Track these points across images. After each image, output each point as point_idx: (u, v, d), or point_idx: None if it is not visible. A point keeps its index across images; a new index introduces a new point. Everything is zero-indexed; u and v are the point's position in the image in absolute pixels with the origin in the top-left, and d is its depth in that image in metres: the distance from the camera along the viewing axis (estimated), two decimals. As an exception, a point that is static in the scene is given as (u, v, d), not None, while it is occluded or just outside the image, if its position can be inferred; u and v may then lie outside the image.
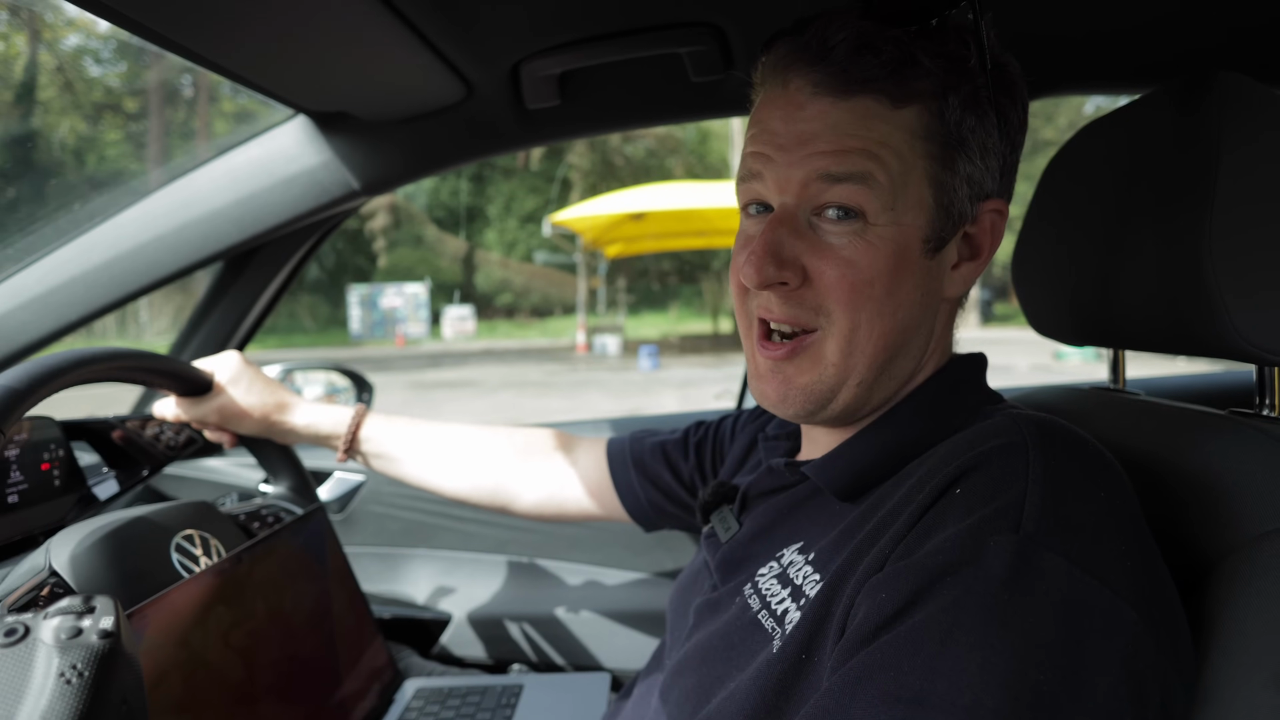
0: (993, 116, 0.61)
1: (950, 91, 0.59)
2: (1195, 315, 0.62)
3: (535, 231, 20.36)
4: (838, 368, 0.62)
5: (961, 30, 0.60)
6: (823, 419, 0.66)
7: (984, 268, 0.66)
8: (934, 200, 0.60)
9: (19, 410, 0.71)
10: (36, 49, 7.91)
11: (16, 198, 2.16)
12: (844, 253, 0.60)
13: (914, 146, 0.59)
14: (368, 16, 0.79)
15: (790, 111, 0.61)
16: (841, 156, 0.58)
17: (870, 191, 0.58)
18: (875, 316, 0.60)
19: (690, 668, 0.67)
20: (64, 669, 0.32)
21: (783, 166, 0.61)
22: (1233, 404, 0.69)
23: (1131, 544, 0.49)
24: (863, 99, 0.58)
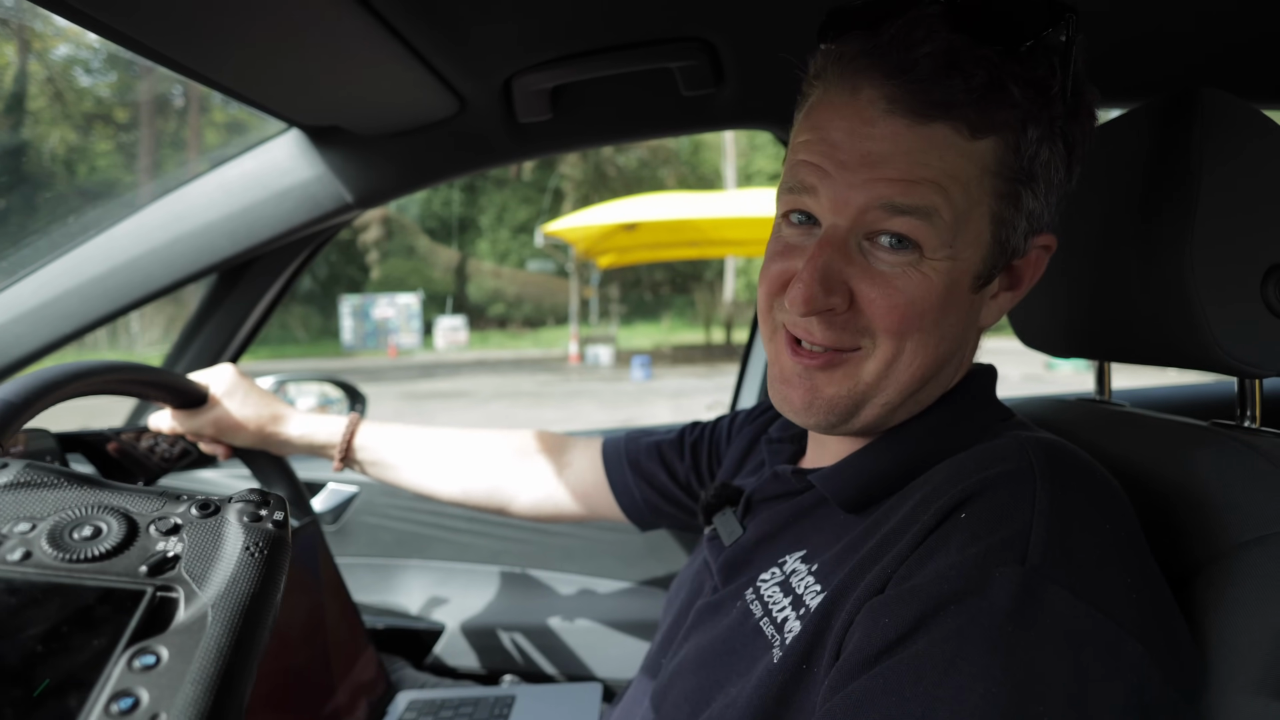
0: (1062, 149, 0.57)
1: (1030, 123, 0.55)
2: (1177, 328, 0.63)
3: (527, 242, 20.36)
4: (870, 387, 0.60)
5: (1051, 52, 0.54)
6: (840, 431, 0.64)
7: (1020, 298, 0.64)
8: (993, 237, 0.58)
9: (16, 423, 0.72)
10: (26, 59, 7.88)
11: (7, 209, 2.16)
12: (896, 282, 0.57)
13: (983, 182, 0.56)
14: (361, 32, 0.80)
15: (857, 126, 0.55)
16: (909, 187, 0.54)
17: (932, 227, 0.55)
18: (920, 347, 0.58)
19: (688, 670, 0.67)
20: (248, 544, 0.38)
21: (842, 187, 0.56)
22: (1216, 415, 0.70)
23: (1137, 575, 0.49)
24: (940, 125, 0.54)
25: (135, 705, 0.28)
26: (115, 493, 0.39)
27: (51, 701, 0.28)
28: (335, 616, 1.09)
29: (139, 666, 0.30)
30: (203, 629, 0.32)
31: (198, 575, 0.35)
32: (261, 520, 0.39)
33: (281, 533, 0.39)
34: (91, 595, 0.32)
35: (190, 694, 0.29)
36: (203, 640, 0.32)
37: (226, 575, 0.35)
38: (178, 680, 0.30)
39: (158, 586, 0.34)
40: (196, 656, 0.31)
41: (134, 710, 0.28)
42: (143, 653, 0.31)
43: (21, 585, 0.32)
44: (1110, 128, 0.74)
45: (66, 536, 0.35)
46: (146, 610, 0.32)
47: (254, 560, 0.37)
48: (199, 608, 0.33)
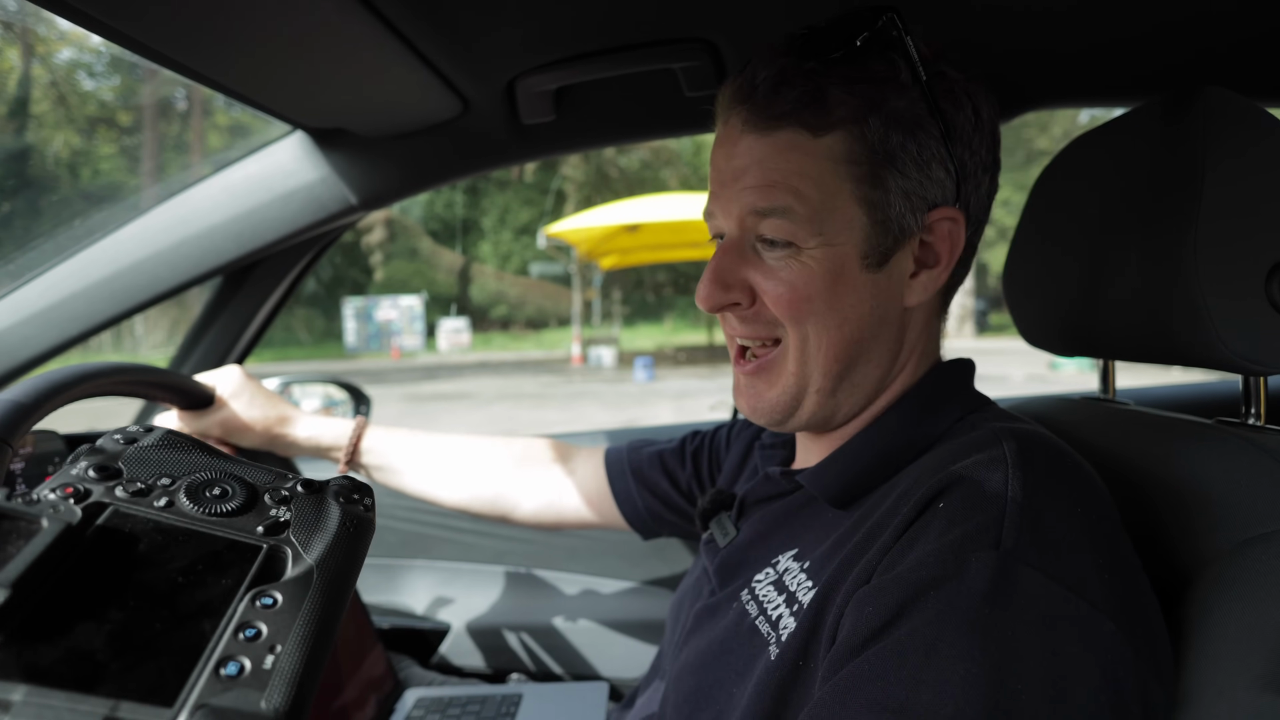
0: (933, 127, 0.62)
1: (871, 113, 0.61)
2: (1182, 326, 0.63)
3: (530, 244, 20.39)
4: (796, 377, 0.66)
5: (887, 47, 0.61)
6: (794, 427, 0.70)
7: (946, 275, 0.67)
8: (867, 218, 0.63)
9: (25, 424, 0.72)
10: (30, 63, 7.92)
11: (12, 211, 2.18)
12: (781, 274, 0.64)
13: (837, 172, 0.62)
14: (365, 34, 0.81)
15: (729, 148, 0.65)
16: (765, 191, 0.62)
17: (792, 224, 0.62)
18: (821, 330, 0.64)
19: (688, 672, 0.68)
20: (345, 521, 0.44)
21: (724, 201, 0.66)
22: (1220, 413, 0.70)
23: (1109, 557, 0.51)
24: (784, 132, 0.62)
25: (257, 635, 0.34)
26: (235, 464, 0.46)
27: (191, 624, 0.33)
28: (344, 614, 1.09)
29: (260, 605, 0.36)
30: (310, 582, 0.38)
31: (303, 541, 0.41)
32: (355, 503, 0.46)
33: (370, 516, 0.46)
34: (220, 544, 0.39)
35: (302, 630, 0.35)
36: (310, 591, 0.38)
37: (326, 543, 0.41)
38: (291, 619, 0.36)
39: (271, 545, 0.40)
40: (306, 602, 0.37)
41: (256, 639, 0.34)
42: (262, 595, 0.36)
43: (166, 528, 0.38)
44: (1114, 126, 0.74)
45: (201, 494, 0.41)
46: (262, 562, 0.39)
47: (348, 535, 0.43)
48: (305, 566, 0.39)
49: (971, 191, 0.66)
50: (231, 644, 0.33)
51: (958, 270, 0.68)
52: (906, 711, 0.45)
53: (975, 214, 0.67)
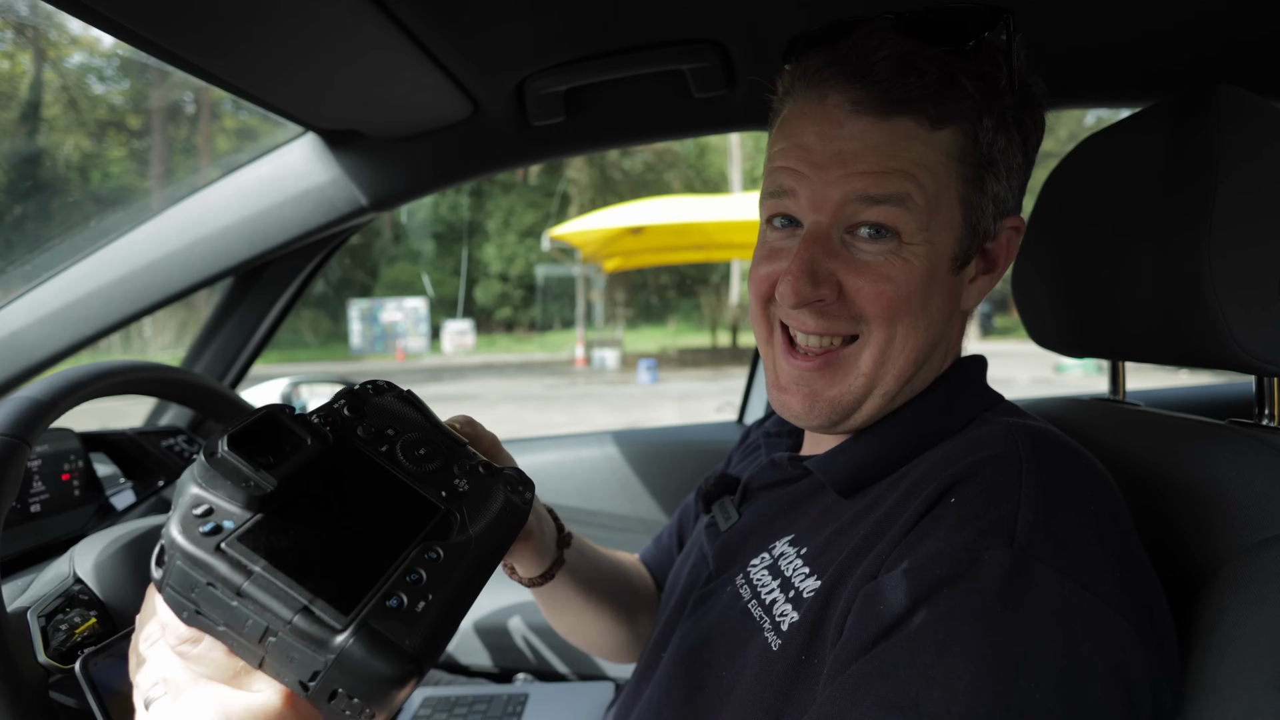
0: (1018, 136, 0.62)
1: (985, 113, 0.59)
2: (1195, 327, 0.63)
3: (534, 246, 20.41)
4: (868, 378, 0.63)
5: (994, 50, 0.60)
6: (844, 429, 0.67)
7: (997, 281, 0.67)
8: (963, 219, 0.61)
9: (43, 422, 0.73)
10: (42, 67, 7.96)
11: (24, 214, 2.19)
12: (880, 269, 0.60)
13: (949, 168, 0.60)
14: (377, 35, 0.82)
15: (827, 129, 0.60)
16: (881, 178, 0.58)
17: (907, 212, 0.59)
18: (911, 330, 0.62)
19: (682, 655, 0.68)
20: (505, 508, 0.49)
21: (819, 185, 0.60)
22: (1232, 415, 0.70)
23: (1122, 555, 0.51)
24: (903, 119, 0.58)
25: (419, 581, 0.39)
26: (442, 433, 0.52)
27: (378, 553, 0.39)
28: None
29: (427, 557, 0.40)
30: (467, 549, 0.43)
31: (471, 514, 0.46)
32: (518, 494, 0.51)
33: (526, 509, 0.51)
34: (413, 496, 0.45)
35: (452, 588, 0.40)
36: (466, 555, 0.43)
37: (487, 522, 0.46)
38: (446, 576, 0.40)
39: (447, 509, 0.45)
40: (460, 566, 0.42)
41: (418, 584, 0.38)
42: (430, 549, 0.41)
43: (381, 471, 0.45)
44: (1126, 125, 0.73)
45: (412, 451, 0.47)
46: (437, 521, 0.44)
47: (505, 520, 0.48)
48: (466, 536, 0.44)
49: (1021, 200, 0.66)
50: (400, 581, 0.38)
51: None
52: (917, 709, 0.45)
53: None
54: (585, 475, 1.66)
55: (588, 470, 1.67)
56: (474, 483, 0.48)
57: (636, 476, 1.65)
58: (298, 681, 0.35)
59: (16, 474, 0.69)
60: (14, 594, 0.77)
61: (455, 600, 0.40)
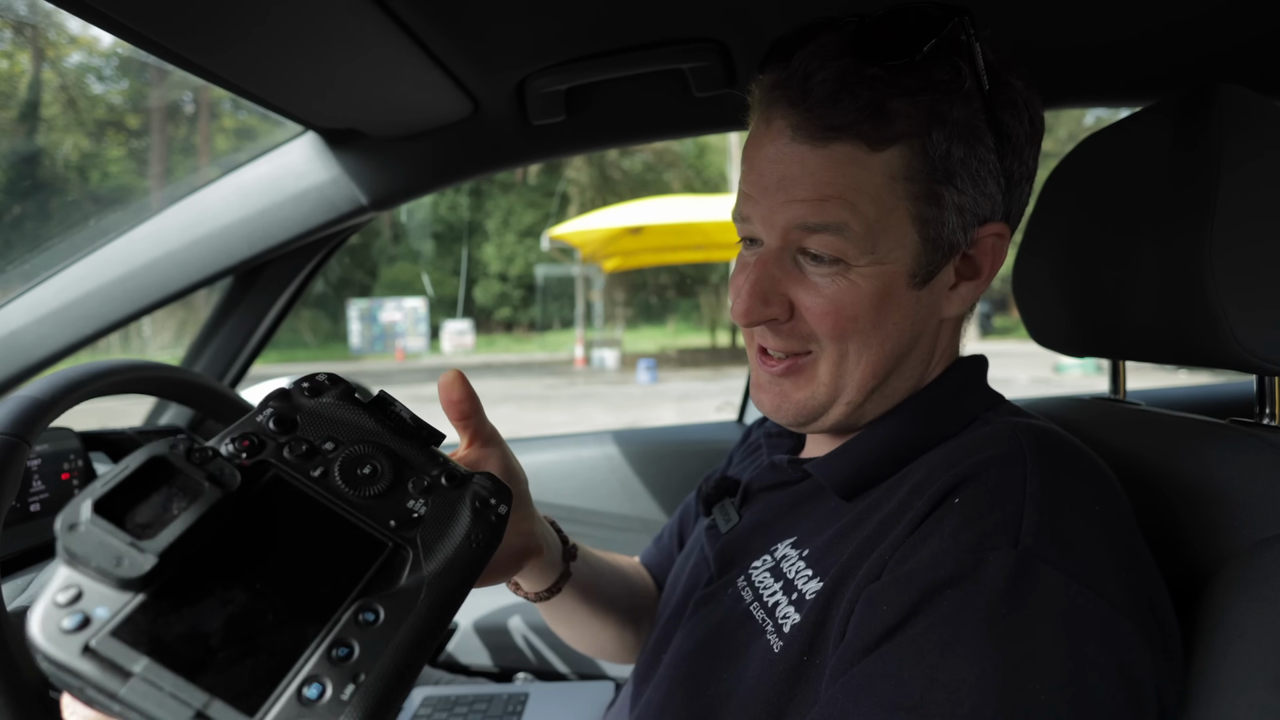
0: (989, 138, 0.59)
1: (934, 127, 0.57)
2: (1196, 326, 0.63)
3: (534, 246, 20.41)
4: (829, 387, 0.64)
5: (953, 53, 0.57)
6: (816, 429, 0.68)
7: (985, 286, 0.66)
8: (919, 236, 0.60)
9: (43, 421, 0.73)
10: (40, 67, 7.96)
11: (23, 214, 2.19)
12: (827, 291, 0.61)
13: (894, 189, 0.58)
14: (377, 34, 0.82)
15: (773, 152, 0.60)
16: (817, 206, 0.58)
17: (845, 240, 0.58)
18: (863, 348, 0.62)
19: (682, 658, 0.68)
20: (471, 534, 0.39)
21: (766, 210, 0.61)
22: (1232, 414, 0.70)
23: (1127, 556, 0.50)
24: (840, 145, 0.57)
25: (348, 656, 0.32)
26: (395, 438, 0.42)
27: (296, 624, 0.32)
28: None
29: (360, 620, 0.33)
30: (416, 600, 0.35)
31: (428, 546, 0.37)
32: (489, 509, 0.41)
33: (500, 528, 0.41)
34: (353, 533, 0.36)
35: (389, 663, 0.32)
36: (413, 611, 0.34)
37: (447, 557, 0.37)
38: (384, 645, 0.33)
39: (396, 543, 0.37)
40: (403, 626, 0.34)
41: (346, 660, 0.31)
42: (366, 608, 0.33)
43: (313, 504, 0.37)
44: (1128, 124, 0.73)
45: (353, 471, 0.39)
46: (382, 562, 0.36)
47: (471, 552, 0.39)
48: (419, 578, 0.36)
49: (1014, 201, 0.64)
50: (322, 661, 0.31)
51: None
52: (921, 710, 0.45)
53: (1014, 222, 0.66)
54: (585, 475, 1.66)
55: (587, 470, 1.67)
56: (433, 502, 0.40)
57: (636, 476, 1.65)
58: None
59: (16, 473, 0.68)
60: (13, 593, 0.77)
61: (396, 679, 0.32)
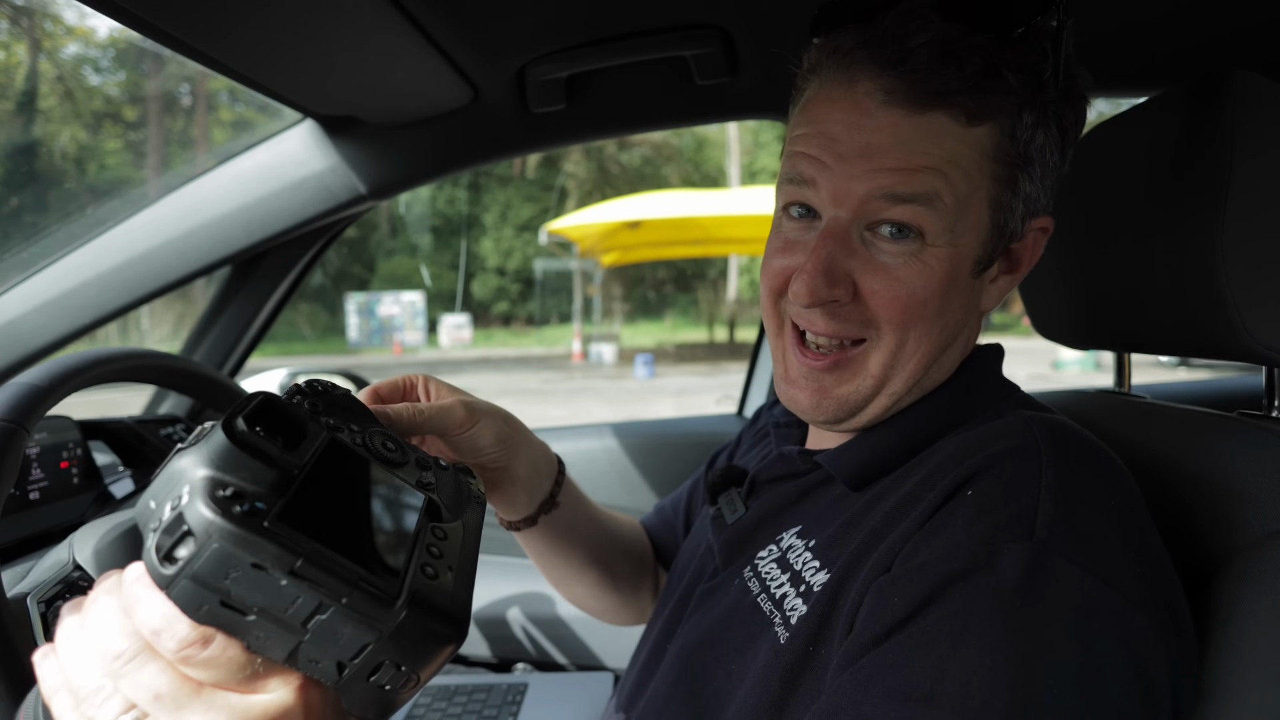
0: (1055, 131, 0.58)
1: (1025, 108, 0.55)
2: (1207, 317, 0.62)
3: (531, 240, 20.39)
4: (877, 380, 0.61)
5: (1042, 38, 0.55)
6: (851, 426, 0.65)
7: (1019, 281, 0.65)
8: (991, 221, 0.58)
9: (41, 408, 0.73)
10: (37, 58, 7.93)
11: (20, 205, 2.19)
12: (898, 272, 0.57)
13: (982, 167, 0.56)
14: (377, 20, 0.81)
15: (855, 118, 0.56)
16: (910, 175, 0.55)
17: (934, 213, 0.55)
18: (924, 336, 0.59)
19: (689, 651, 0.67)
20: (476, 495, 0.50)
21: (842, 179, 0.57)
22: (1239, 407, 0.69)
23: (1142, 550, 0.49)
24: (938, 114, 0.54)
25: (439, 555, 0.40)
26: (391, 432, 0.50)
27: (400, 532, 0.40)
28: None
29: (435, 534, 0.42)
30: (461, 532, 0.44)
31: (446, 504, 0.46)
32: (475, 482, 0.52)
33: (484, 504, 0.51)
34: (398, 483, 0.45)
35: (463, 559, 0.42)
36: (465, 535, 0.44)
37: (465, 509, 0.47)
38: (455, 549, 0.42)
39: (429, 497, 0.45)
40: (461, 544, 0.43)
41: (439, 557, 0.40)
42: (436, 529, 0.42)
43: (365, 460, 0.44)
44: (1139, 112, 0.72)
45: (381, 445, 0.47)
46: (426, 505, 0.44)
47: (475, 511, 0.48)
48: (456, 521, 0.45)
49: (1054, 196, 0.63)
50: (424, 555, 0.39)
51: None
52: (932, 702, 0.44)
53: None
54: (583, 467, 1.66)
55: (586, 462, 1.67)
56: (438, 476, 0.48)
57: (635, 468, 1.65)
58: (335, 663, 0.34)
59: (15, 460, 0.68)
60: (13, 580, 0.76)
61: (468, 574, 0.42)
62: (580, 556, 0.88)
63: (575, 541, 0.86)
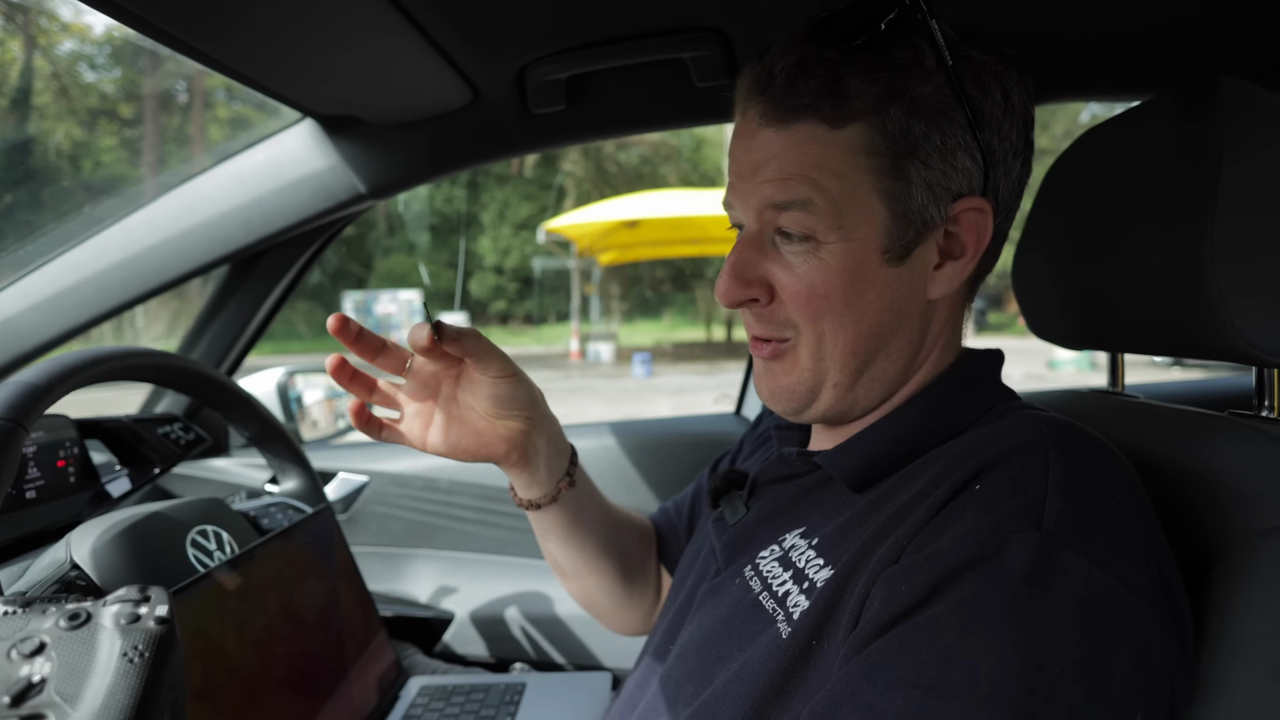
0: (959, 114, 0.60)
1: (892, 104, 0.59)
2: (1196, 318, 0.63)
3: (529, 239, 20.36)
4: (812, 371, 0.66)
5: (912, 32, 0.59)
6: (812, 417, 0.69)
7: (972, 265, 0.66)
8: (887, 210, 0.61)
9: (39, 406, 0.73)
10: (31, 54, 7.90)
11: (15, 202, 2.18)
12: (799, 270, 0.63)
13: (856, 164, 0.60)
14: (378, 20, 0.81)
15: (746, 140, 0.64)
16: (782, 184, 0.61)
17: (811, 216, 0.61)
18: (838, 326, 0.63)
19: (691, 651, 0.68)
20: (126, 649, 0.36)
21: (743, 194, 0.64)
22: (1230, 407, 0.70)
23: (1148, 545, 0.50)
24: (802, 125, 0.60)
25: None
26: None
27: None
28: (349, 602, 1.10)
29: None
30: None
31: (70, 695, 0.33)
32: (141, 620, 0.38)
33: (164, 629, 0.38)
34: None
35: None
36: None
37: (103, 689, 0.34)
38: None
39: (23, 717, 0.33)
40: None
41: None
42: None
43: None
44: (1128, 117, 0.73)
45: None
46: None
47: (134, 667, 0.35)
48: None
49: (1001, 178, 0.64)
50: None
51: (986, 259, 0.67)
52: (937, 690, 0.45)
53: (1005, 201, 0.65)
54: (583, 466, 1.67)
55: (585, 461, 1.66)
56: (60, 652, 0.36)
57: (634, 467, 1.65)
58: None
59: (14, 458, 0.68)
60: (10, 580, 0.76)
61: None
62: (595, 542, 0.91)
63: (590, 525, 0.90)
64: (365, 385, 0.71)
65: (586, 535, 0.89)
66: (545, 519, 0.86)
